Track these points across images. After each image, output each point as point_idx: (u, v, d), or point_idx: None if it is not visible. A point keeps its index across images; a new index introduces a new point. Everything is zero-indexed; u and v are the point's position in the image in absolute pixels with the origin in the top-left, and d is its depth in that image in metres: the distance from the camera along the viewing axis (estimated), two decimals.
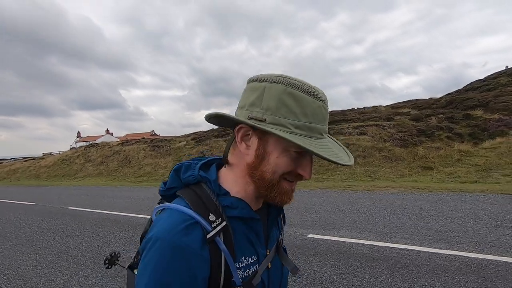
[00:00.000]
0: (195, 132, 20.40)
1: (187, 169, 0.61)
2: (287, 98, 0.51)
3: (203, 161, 0.64)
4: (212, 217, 0.54)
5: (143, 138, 28.71)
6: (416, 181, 7.71)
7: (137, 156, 17.37)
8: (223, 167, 0.62)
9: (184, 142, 17.08)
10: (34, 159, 29.53)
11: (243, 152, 0.57)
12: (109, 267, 0.83)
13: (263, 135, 0.55)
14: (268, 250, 0.64)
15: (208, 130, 19.42)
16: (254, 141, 0.56)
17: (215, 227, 0.53)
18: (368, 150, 9.94)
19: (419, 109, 24.30)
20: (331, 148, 0.55)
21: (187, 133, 23.76)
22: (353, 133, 11.15)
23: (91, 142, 47.22)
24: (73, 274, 3.39)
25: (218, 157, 0.66)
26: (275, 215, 0.67)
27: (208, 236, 0.52)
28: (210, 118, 0.59)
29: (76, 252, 4.17)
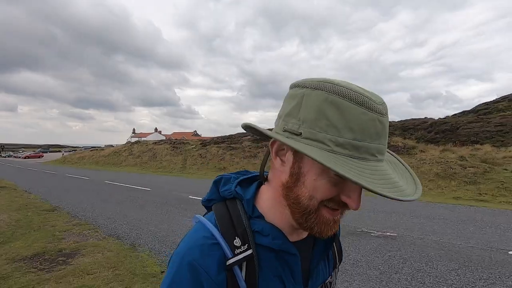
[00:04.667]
0: (206, 139, 26.18)
1: (226, 182, 0.58)
2: (328, 108, 0.42)
3: (247, 176, 0.59)
4: (237, 241, 0.49)
5: (177, 138, 35.61)
6: None
7: (161, 154, 23.63)
8: (263, 184, 0.56)
9: (193, 146, 22.89)
10: (97, 149, 38.42)
11: (278, 169, 0.51)
12: None
13: (297, 151, 0.45)
14: None
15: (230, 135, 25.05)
16: (289, 157, 0.48)
17: (237, 254, 0.48)
18: None
19: (405, 129, 27.16)
20: (385, 174, 0.43)
21: (234, 132, 29.44)
22: None
23: (142, 138, 56.65)
24: (93, 201, 8.99)
25: (266, 173, 0.58)
26: (321, 250, 0.58)
27: (228, 263, 0.47)
28: (246, 127, 0.53)
29: (98, 195, 9.83)
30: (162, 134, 69.14)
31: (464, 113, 31.28)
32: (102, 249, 4.38)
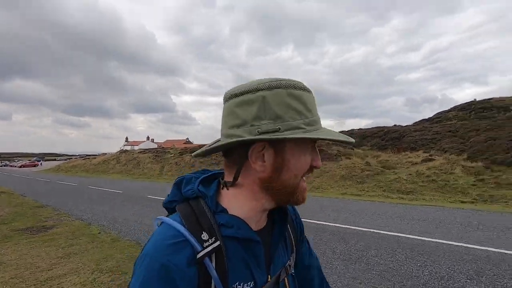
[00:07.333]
0: (194, 146, 28.85)
1: (188, 183, 0.62)
2: (290, 100, 0.53)
3: (206, 175, 0.64)
4: (204, 235, 0.53)
5: (163, 147, 38.27)
6: None
7: (144, 162, 26.30)
8: (222, 188, 0.61)
9: (172, 155, 25.65)
10: (89, 158, 41.03)
11: (259, 170, 0.56)
12: None
13: (279, 145, 0.55)
14: (269, 276, 0.61)
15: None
16: (270, 155, 0.56)
17: (206, 247, 0.52)
18: None
19: (364, 137, 29.98)
20: (334, 131, 0.58)
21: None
22: None
23: (135, 146, 58.85)
24: (73, 200, 11.69)
25: (221, 171, 0.65)
26: (279, 235, 0.65)
27: (198, 256, 0.51)
28: (205, 154, 0.62)
29: (79, 197, 12.52)
30: (155, 142, 71.42)
31: (422, 121, 34.50)
32: (69, 225, 7.11)
